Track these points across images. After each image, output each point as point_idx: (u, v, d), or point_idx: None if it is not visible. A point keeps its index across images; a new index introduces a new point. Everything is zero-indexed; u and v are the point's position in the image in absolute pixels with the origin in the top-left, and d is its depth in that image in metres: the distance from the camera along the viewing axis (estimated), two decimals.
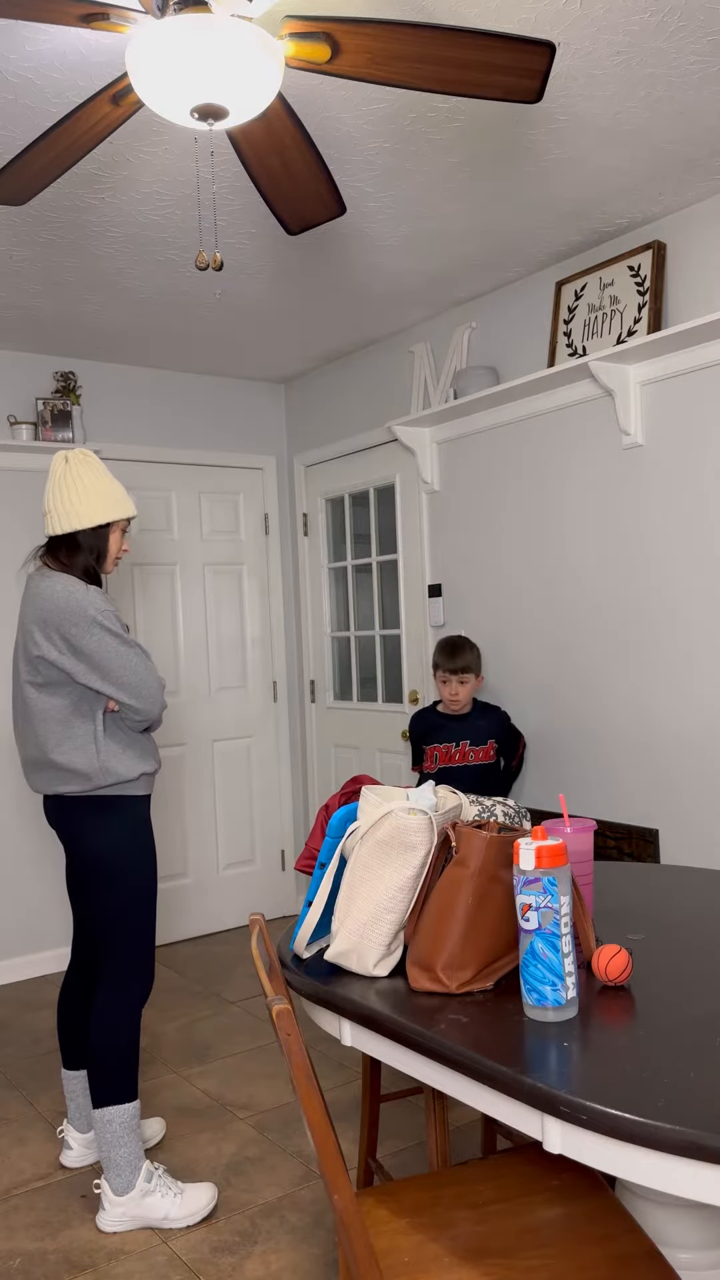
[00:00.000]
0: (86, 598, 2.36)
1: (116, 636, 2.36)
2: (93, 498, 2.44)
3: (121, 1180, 2.38)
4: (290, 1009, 1.32)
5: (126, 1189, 2.38)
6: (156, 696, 2.40)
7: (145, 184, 2.83)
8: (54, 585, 2.39)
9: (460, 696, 3.54)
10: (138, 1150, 2.40)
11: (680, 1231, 1.64)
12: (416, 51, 1.78)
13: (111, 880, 2.41)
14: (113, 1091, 2.38)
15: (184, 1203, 2.41)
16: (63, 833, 2.46)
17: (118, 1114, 2.38)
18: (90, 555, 2.47)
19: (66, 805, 2.43)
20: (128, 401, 4.60)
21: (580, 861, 1.73)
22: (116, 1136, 2.38)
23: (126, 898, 2.42)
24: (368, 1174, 2.32)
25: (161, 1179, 2.43)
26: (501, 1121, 1.66)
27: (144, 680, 2.38)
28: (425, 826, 1.66)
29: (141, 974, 2.46)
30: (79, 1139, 2.68)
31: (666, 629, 3.25)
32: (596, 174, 2.90)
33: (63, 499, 2.44)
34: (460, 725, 3.58)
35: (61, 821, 2.45)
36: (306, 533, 4.99)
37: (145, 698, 2.38)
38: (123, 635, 2.38)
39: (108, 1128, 2.38)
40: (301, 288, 3.73)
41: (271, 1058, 3.34)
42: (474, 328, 3.96)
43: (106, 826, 2.41)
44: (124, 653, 2.36)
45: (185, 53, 1.67)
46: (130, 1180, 2.38)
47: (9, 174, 2.12)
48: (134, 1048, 2.43)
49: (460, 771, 3.52)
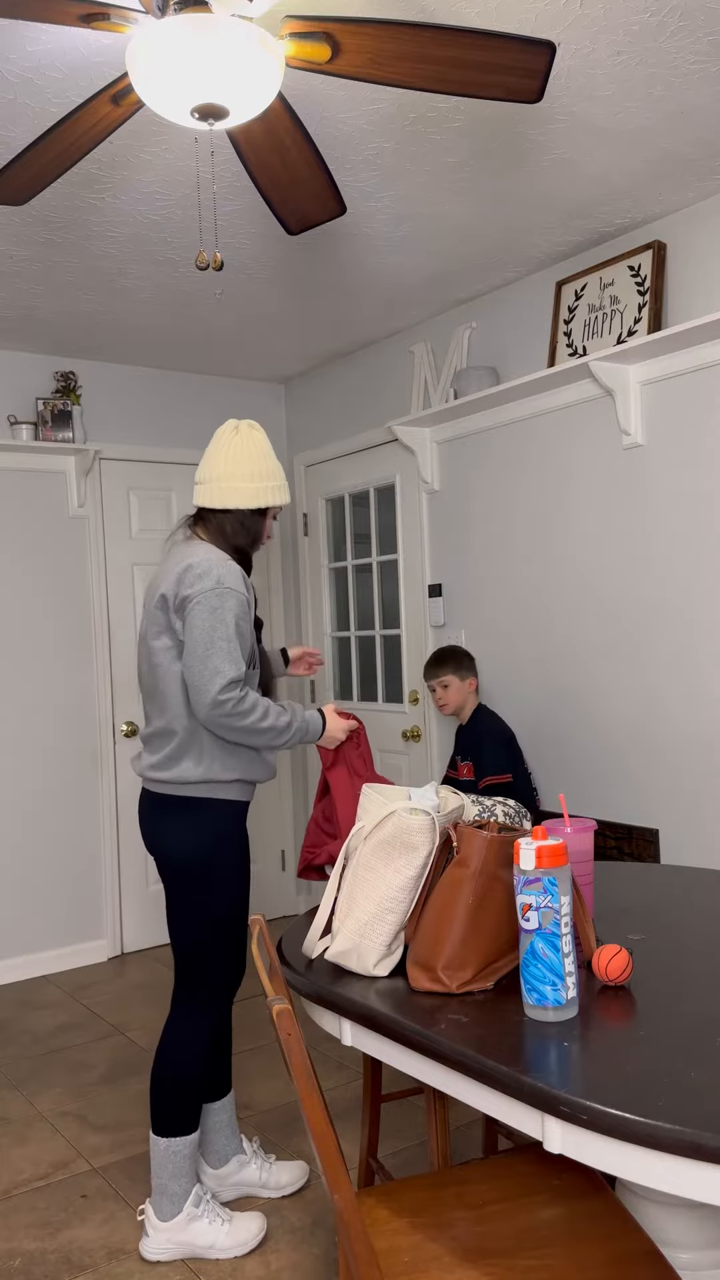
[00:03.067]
0: (226, 568, 2.22)
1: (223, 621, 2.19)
2: (258, 479, 2.29)
3: (173, 1208, 2.26)
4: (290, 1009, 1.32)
5: (173, 1215, 2.26)
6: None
7: (145, 184, 2.83)
8: (198, 551, 2.25)
9: (446, 701, 3.58)
10: (194, 1179, 2.29)
11: (680, 1231, 1.64)
12: (416, 51, 1.78)
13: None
14: (180, 1123, 2.26)
15: (233, 1231, 2.28)
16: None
17: (184, 1145, 2.26)
18: (246, 536, 2.32)
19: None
20: (128, 401, 4.60)
21: (580, 861, 1.72)
22: (179, 1168, 2.26)
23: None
24: (368, 1174, 2.31)
25: (209, 1205, 2.30)
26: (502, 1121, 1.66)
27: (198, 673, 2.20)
28: (428, 827, 1.66)
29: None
30: (212, 1175, 2.48)
31: (667, 629, 3.25)
32: (596, 174, 2.90)
33: (227, 471, 2.27)
34: (461, 739, 3.60)
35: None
36: (307, 533, 4.99)
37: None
38: (230, 623, 2.20)
39: (172, 1159, 2.25)
40: (301, 288, 3.73)
41: (271, 1058, 3.34)
42: (474, 328, 3.95)
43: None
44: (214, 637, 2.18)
45: (185, 53, 1.67)
46: (180, 1207, 2.27)
47: (9, 174, 2.12)
48: (203, 1078, 2.29)
49: (465, 786, 3.53)
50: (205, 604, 2.17)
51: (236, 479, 2.27)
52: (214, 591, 2.18)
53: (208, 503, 2.30)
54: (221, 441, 2.30)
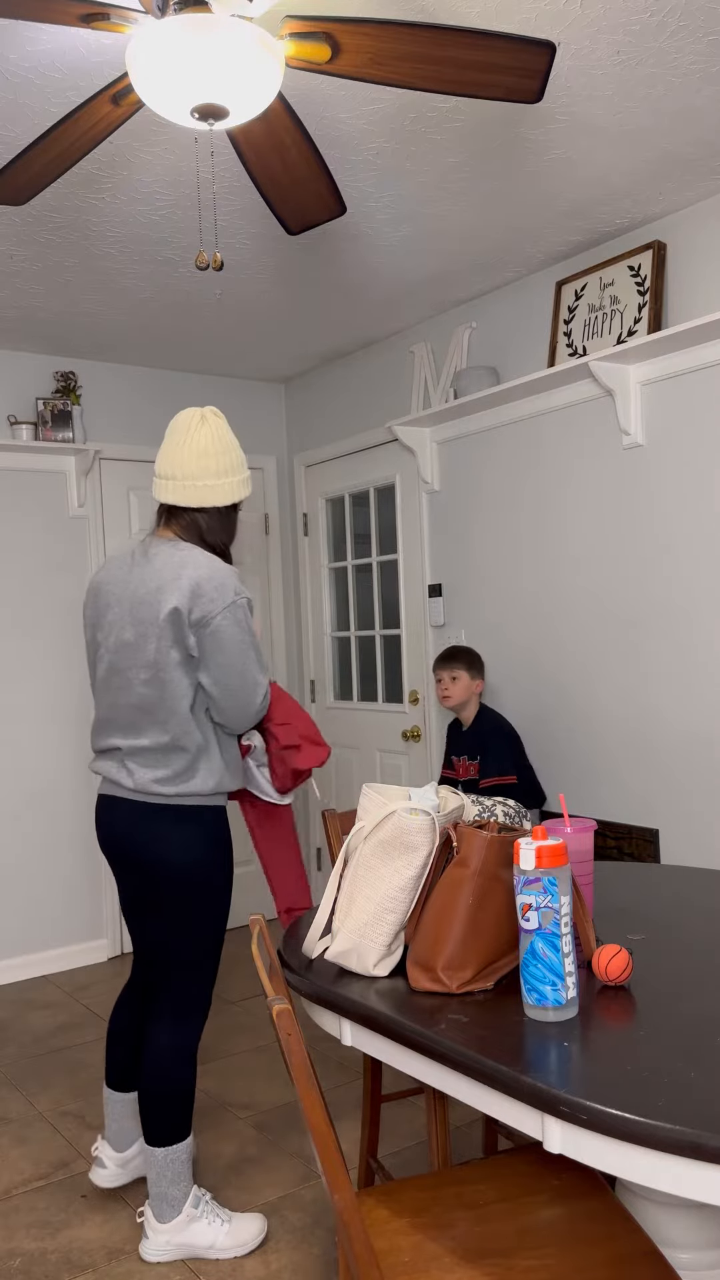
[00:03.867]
0: (234, 577, 2.17)
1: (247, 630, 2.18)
2: (233, 472, 2.20)
3: (173, 1211, 2.25)
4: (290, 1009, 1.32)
5: (172, 1217, 2.25)
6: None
7: (145, 184, 2.83)
8: (196, 555, 2.17)
9: (451, 694, 3.55)
10: (191, 1183, 2.28)
11: (680, 1231, 1.64)
12: (416, 51, 1.78)
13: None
14: (174, 1131, 2.23)
15: (232, 1231, 2.26)
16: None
17: (180, 1152, 2.24)
18: (224, 534, 2.25)
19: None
20: (128, 401, 4.60)
21: (580, 861, 1.72)
22: (177, 1174, 2.23)
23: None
24: (368, 1174, 2.32)
25: (209, 1205, 2.29)
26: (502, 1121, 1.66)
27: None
28: (427, 827, 1.66)
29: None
30: (115, 1158, 2.49)
31: (667, 629, 3.25)
32: (596, 174, 2.90)
33: (202, 467, 2.17)
34: (465, 738, 3.59)
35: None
36: (307, 533, 4.99)
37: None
38: (252, 632, 2.20)
39: (169, 1167, 2.23)
40: (301, 288, 3.73)
41: (271, 1058, 3.34)
42: (474, 328, 3.95)
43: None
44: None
45: (185, 53, 1.67)
46: (178, 1210, 2.25)
47: (9, 174, 2.12)
48: (193, 1083, 2.27)
49: (469, 785, 3.53)
50: (231, 618, 2.14)
51: (209, 475, 2.19)
52: (235, 605, 2.15)
53: (181, 501, 2.21)
54: (189, 433, 2.18)
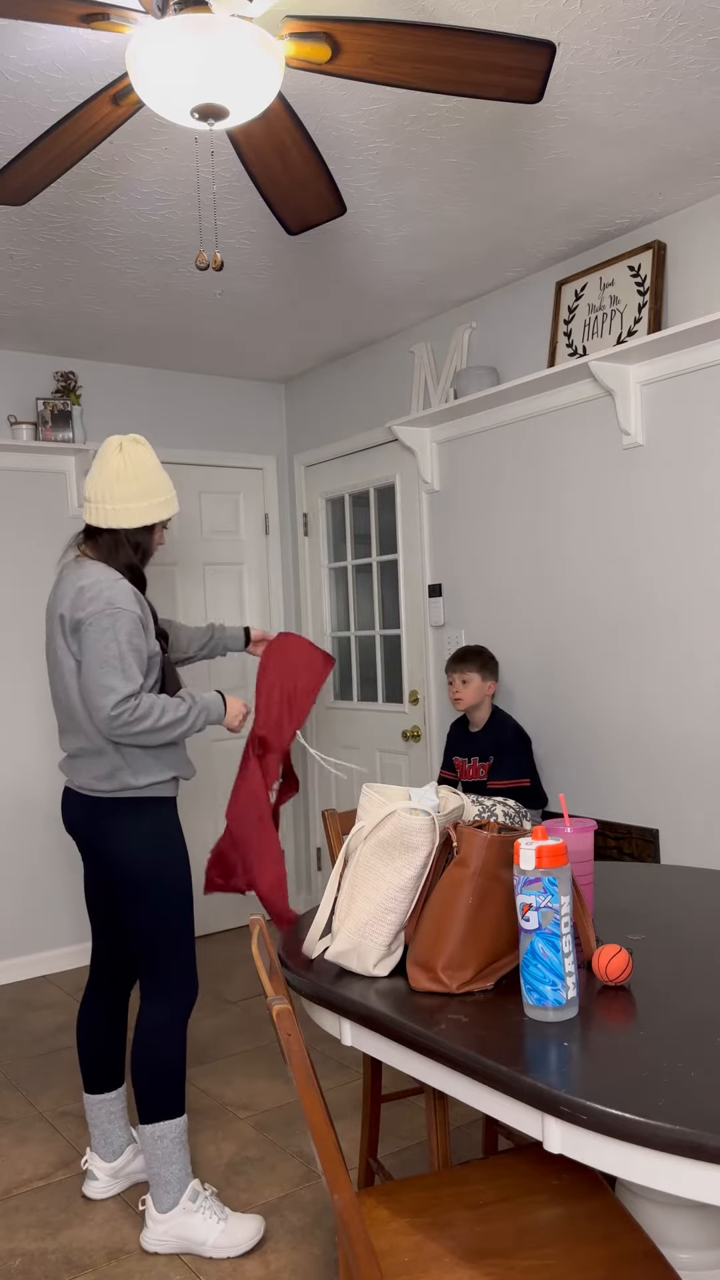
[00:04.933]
0: (116, 589, 2.26)
1: (116, 639, 2.24)
2: (144, 497, 2.33)
3: (170, 1198, 2.27)
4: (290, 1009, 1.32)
5: (172, 1206, 2.27)
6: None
7: (145, 184, 2.83)
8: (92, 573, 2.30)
9: (462, 696, 3.54)
10: (187, 1167, 2.30)
11: (680, 1231, 1.64)
12: (416, 51, 1.78)
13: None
14: (164, 1107, 2.27)
15: (228, 1230, 2.27)
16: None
17: (169, 1129, 2.27)
18: (135, 553, 2.37)
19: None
20: (128, 401, 4.60)
21: (580, 861, 1.73)
22: (168, 1153, 2.27)
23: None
24: (368, 1174, 2.32)
25: (208, 1201, 2.31)
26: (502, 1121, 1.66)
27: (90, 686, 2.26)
28: (428, 827, 1.66)
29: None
30: (105, 1168, 2.52)
31: (666, 629, 3.25)
32: (596, 174, 2.90)
33: (112, 492, 2.31)
34: (476, 740, 3.59)
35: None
36: (307, 533, 4.99)
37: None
38: (123, 641, 2.25)
39: (159, 1144, 2.26)
40: (301, 288, 3.73)
41: (271, 1058, 3.34)
42: (474, 328, 3.95)
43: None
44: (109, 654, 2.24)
45: (185, 53, 1.67)
46: (176, 1198, 2.28)
47: (9, 174, 2.12)
48: (183, 1060, 2.31)
49: (475, 786, 3.52)
50: (97, 625, 2.23)
51: (121, 499, 2.32)
52: (105, 613, 2.23)
53: (96, 522, 2.35)
54: (107, 461, 2.33)
